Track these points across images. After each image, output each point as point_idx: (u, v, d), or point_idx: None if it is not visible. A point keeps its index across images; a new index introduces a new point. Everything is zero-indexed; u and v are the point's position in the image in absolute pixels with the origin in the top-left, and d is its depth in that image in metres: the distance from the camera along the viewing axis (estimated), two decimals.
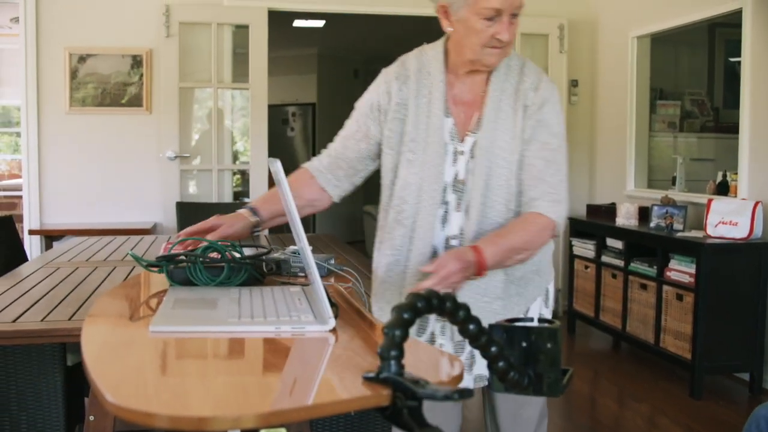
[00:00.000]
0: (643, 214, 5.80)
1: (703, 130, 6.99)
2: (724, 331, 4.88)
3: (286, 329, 1.59)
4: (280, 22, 7.26)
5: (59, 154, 6.29)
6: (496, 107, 2.21)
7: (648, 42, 6.40)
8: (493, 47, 2.14)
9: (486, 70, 2.23)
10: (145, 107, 6.35)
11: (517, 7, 2.12)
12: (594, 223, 6.12)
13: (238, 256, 2.11)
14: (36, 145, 6.22)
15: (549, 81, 2.30)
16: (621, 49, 6.51)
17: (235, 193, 7.04)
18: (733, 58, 5.68)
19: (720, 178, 5.44)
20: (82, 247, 4.45)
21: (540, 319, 1.42)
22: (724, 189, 5.37)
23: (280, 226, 2.41)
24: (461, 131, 2.24)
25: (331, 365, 1.44)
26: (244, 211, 2.28)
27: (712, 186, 5.50)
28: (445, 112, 2.24)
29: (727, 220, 4.96)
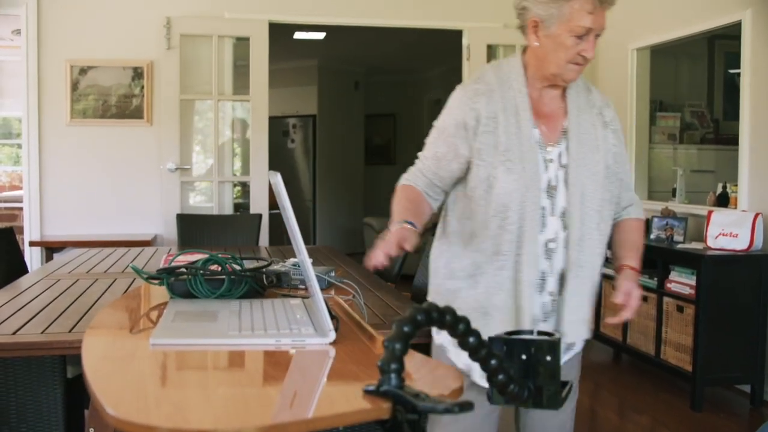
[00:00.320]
0: (644, 225, 5.80)
1: (703, 141, 6.99)
2: (725, 342, 4.87)
3: (286, 342, 1.59)
4: (280, 34, 7.28)
5: (60, 166, 6.30)
6: (577, 121, 2.36)
7: (648, 54, 6.42)
8: (577, 63, 2.27)
9: (563, 85, 2.37)
10: (146, 119, 6.36)
11: (602, 28, 2.26)
12: None
13: (238, 268, 2.12)
14: (37, 156, 6.24)
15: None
16: (621, 61, 6.53)
17: (236, 205, 7.04)
18: (733, 70, 5.69)
19: (720, 190, 5.44)
20: (83, 258, 4.45)
21: (539, 332, 1.42)
22: (724, 201, 5.38)
23: (280, 237, 2.43)
24: (547, 141, 2.35)
25: (332, 378, 1.44)
26: (408, 225, 2.27)
27: (712, 198, 5.50)
28: (532, 122, 2.34)
29: (728, 232, 4.96)
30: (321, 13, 6.71)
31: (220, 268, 2.11)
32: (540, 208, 2.30)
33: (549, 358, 1.36)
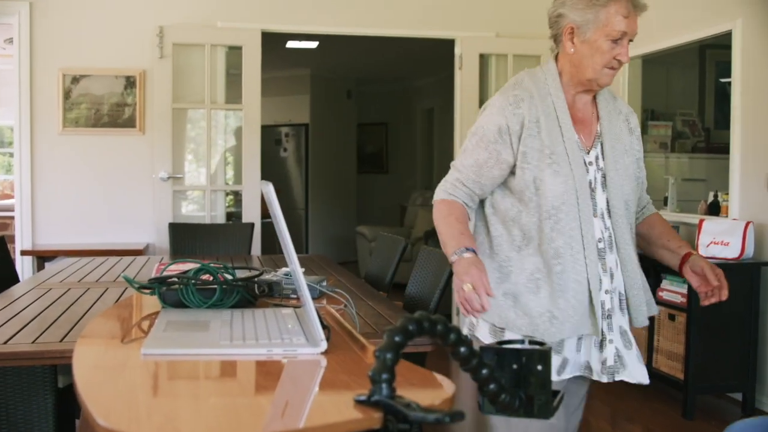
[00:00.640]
0: None
1: (694, 150, 7.01)
2: (717, 351, 4.88)
3: (277, 352, 1.59)
4: (273, 43, 7.28)
5: (52, 175, 6.28)
6: (609, 126, 2.46)
7: (639, 63, 6.44)
8: (612, 68, 2.36)
9: (597, 90, 2.45)
10: (138, 128, 6.35)
11: (635, 33, 2.34)
12: None
13: (229, 278, 2.12)
14: (29, 165, 6.22)
15: None
16: None
17: (228, 214, 7.03)
18: (724, 79, 5.71)
19: (711, 199, 5.46)
20: (75, 267, 4.44)
21: (530, 341, 1.43)
22: (716, 209, 5.39)
23: (273, 246, 2.43)
24: (585, 144, 2.43)
25: (323, 388, 1.44)
26: (470, 253, 2.28)
27: (703, 206, 5.51)
28: (573, 127, 2.40)
29: (719, 240, 4.98)
30: (314, 22, 6.71)
31: (211, 278, 2.11)
32: (592, 208, 2.37)
33: (540, 368, 1.36)
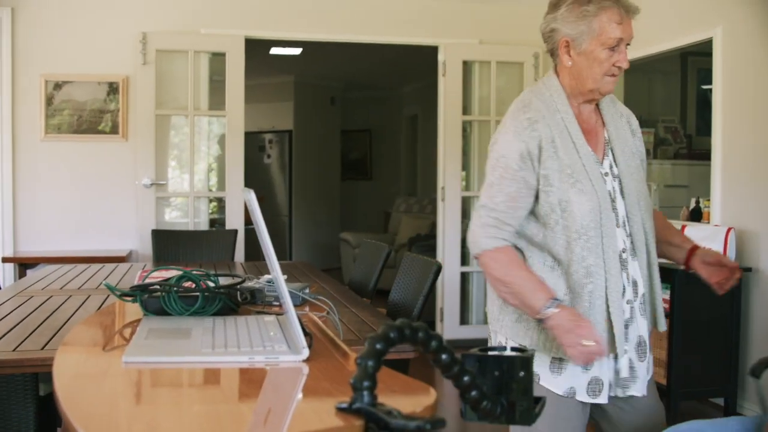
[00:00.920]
0: None
1: (676, 156, 7.04)
2: (699, 356, 4.90)
3: (259, 359, 1.59)
4: (256, 49, 7.28)
5: (34, 181, 6.25)
6: (615, 131, 2.46)
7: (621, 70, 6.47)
8: (612, 75, 2.34)
9: (600, 98, 2.44)
10: (121, 134, 6.33)
11: (631, 37, 2.34)
12: None
13: (212, 285, 2.11)
14: (11, 171, 6.19)
15: None
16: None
17: (212, 221, 7.01)
18: (705, 86, 5.74)
19: (693, 205, 5.48)
20: (57, 275, 4.42)
21: (512, 348, 1.43)
22: (698, 215, 5.41)
23: (256, 253, 2.42)
24: (597, 155, 2.41)
25: (305, 395, 1.44)
26: (559, 303, 2.25)
27: (685, 212, 5.54)
28: (585, 141, 2.38)
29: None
30: (297, 29, 6.72)
31: (193, 285, 2.10)
32: (614, 222, 2.36)
33: (522, 374, 1.37)
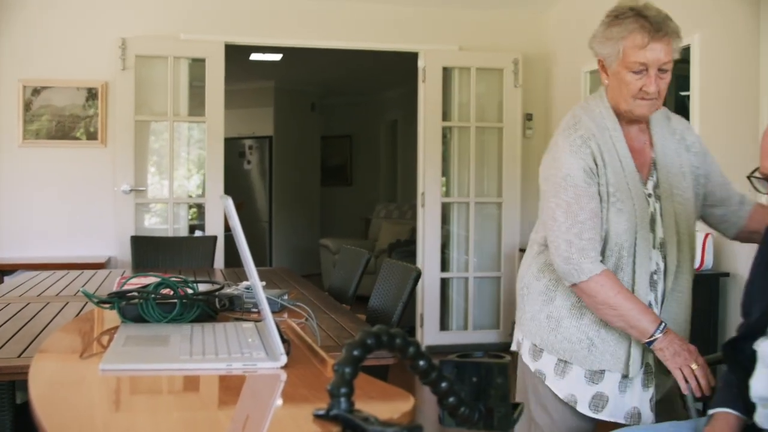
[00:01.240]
0: None
1: None
2: None
3: (237, 366, 1.59)
4: (236, 55, 7.26)
5: (11, 187, 6.21)
6: (663, 151, 2.43)
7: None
8: (642, 99, 2.31)
9: (640, 119, 2.40)
10: (100, 140, 6.30)
11: (664, 63, 2.28)
12: None
13: (190, 292, 2.11)
14: None
15: None
16: (574, 84, 6.60)
17: (191, 227, 6.99)
18: (683, 92, 5.78)
19: None
20: (34, 281, 4.39)
21: (490, 354, 1.43)
22: None
23: (236, 259, 2.41)
24: (643, 176, 2.41)
25: (282, 402, 1.44)
26: (666, 328, 2.29)
27: None
28: (632, 161, 2.39)
29: None
30: (277, 35, 6.71)
31: (172, 292, 2.09)
32: (650, 242, 2.37)
33: (500, 380, 1.37)
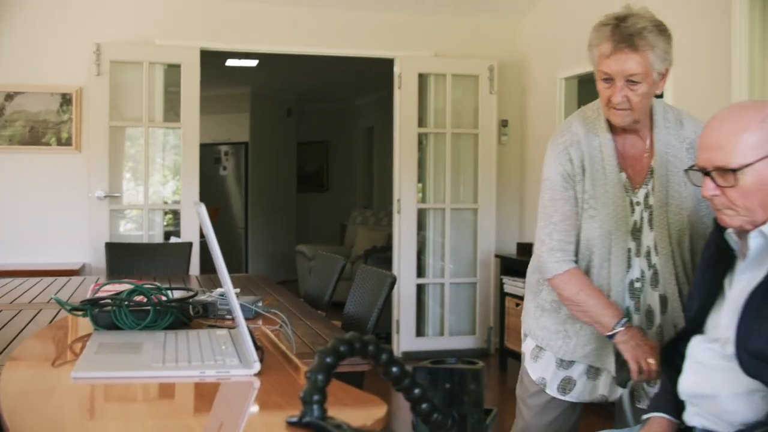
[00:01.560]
0: None
1: None
2: None
3: (210, 373, 1.58)
4: (212, 61, 7.25)
5: None
6: (664, 160, 2.40)
7: (575, 83, 6.54)
8: (614, 108, 2.31)
9: (633, 127, 2.39)
10: (75, 146, 6.26)
11: (631, 75, 2.25)
12: (524, 261, 6.11)
13: (164, 299, 2.10)
14: None
15: None
16: (549, 90, 6.64)
17: (167, 233, 6.95)
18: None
19: None
20: (7, 288, 4.35)
21: (463, 360, 1.44)
22: None
23: (212, 265, 2.40)
24: (634, 184, 2.42)
25: (256, 409, 1.44)
26: (627, 322, 2.34)
27: None
28: (618, 167, 2.40)
29: None
30: (254, 41, 6.70)
31: (145, 299, 2.08)
32: (626, 251, 2.39)
33: (473, 387, 1.38)
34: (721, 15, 4.44)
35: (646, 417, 2.17)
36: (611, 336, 2.33)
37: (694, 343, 2.03)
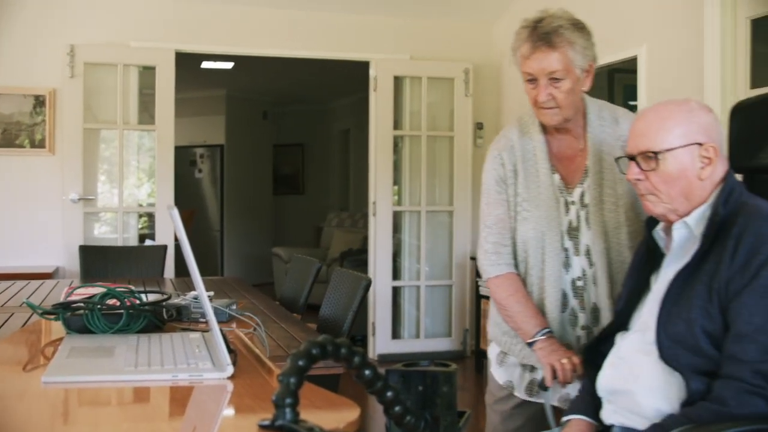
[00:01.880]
0: None
1: None
2: None
3: (183, 377, 1.58)
4: (187, 63, 7.21)
5: None
6: (598, 158, 2.42)
7: None
8: (541, 107, 2.36)
9: (566, 126, 2.42)
10: (48, 148, 6.21)
11: (552, 72, 2.30)
12: None
13: (137, 302, 2.09)
14: None
15: None
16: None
17: (141, 236, 6.92)
18: (632, 102, 5.87)
19: None
20: None
21: (436, 363, 1.44)
22: None
23: (187, 269, 2.39)
24: (568, 184, 2.45)
25: (228, 413, 1.43)
26: (549, 333, 2.37)
27: None
28: (551, 169, 2.44)
29: None
30: (229, 43, 6.68)
31: (118, 302, 2.07)
32: (563, 250, 2.41)
33: (446, 389, 1.38)
34: None
35: (565, 419, 2.18)
36: (531, 344, 2.38)
37: (618, 338, 2.06)
